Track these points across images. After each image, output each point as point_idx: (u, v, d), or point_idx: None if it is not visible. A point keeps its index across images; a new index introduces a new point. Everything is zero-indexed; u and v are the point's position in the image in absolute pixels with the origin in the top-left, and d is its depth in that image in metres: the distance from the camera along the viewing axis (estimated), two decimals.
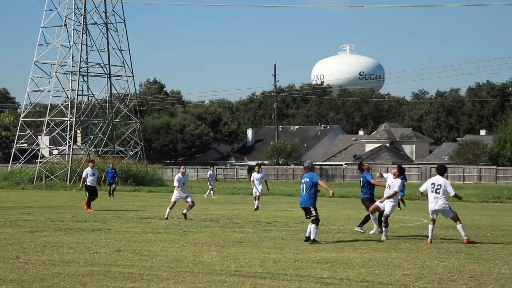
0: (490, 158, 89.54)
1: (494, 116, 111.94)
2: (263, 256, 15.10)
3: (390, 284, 11.83)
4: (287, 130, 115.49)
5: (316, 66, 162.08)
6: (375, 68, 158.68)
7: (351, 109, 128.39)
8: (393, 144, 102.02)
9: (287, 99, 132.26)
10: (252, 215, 28.75)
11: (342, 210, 33.72)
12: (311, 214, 17.62)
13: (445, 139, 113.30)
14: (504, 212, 33.82)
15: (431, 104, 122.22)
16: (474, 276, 12.69)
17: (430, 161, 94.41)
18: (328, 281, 11.99)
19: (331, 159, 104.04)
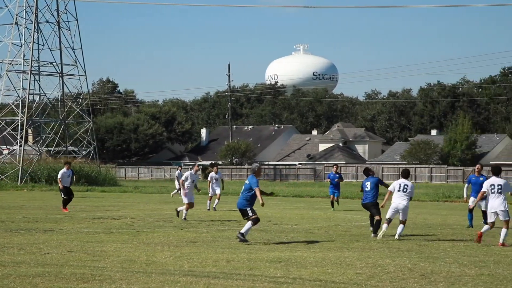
0: (441, 158, 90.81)
1: (445, 116, 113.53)
2: (216, 256, 15.10)
3: (343, 282, 11.93)
4: (241, 130, 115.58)
5: (270, 66, 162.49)
6: (328, 68, 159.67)
7: (304, 109, 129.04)
8: (346, 144, 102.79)
9: (241, 99, 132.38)
10: (206, 214, 28.72)
11: (295, 209, 33.87)
12: (248, 215, 17.69)
13: (397, 139, 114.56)
14: (454, 211, 34.34)
15: (384, 104, 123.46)
16: (424, 274, 12.86)
17: (382, 161, 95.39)
18: (281, 280, 12.04)
19: (285, 159, 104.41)
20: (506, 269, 13.54)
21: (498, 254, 16.03)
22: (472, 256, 15.49)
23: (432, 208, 37.03)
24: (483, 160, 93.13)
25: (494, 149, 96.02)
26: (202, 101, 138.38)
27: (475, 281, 12.22)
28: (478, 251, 16.61)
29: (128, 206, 34.55)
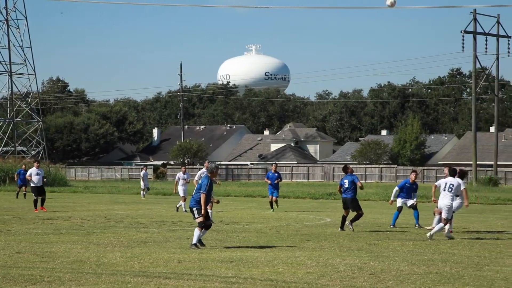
0: (391, 158, 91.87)
1: (395, 117, 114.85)
2: (168, 256, 15.06)
3: (293, 282, 12.00)
4: (193, 130, 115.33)
5: (222, 66, 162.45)
6: (280, 69, 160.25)
7: (256, 109, 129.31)
8: (297, 144, 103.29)
9: (193, 99, 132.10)
10: (157, 215, 28.57)
11: (247, 209, 33.91)
12: (194, 217, 16.74)
13: (348, 139, 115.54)
14: (403, 211, 34.71)
15: (335, 104, 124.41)
16: (374, 273, 13.00)
17: (334, 161, 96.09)
18: (232, 280, 12.06)
19: (237, 159, 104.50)
20: (453, 267, 13.76)
21: (446, 252, 16.29)
22: (420, 255, 15.71)
23: (382, 208, 37.42)
24: (432, 160, 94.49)
25: (442, 149, 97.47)
26: (154, 101, 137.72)
27: (423, 279, 12.40)
28: (427, 249, 16.85)
29: (78, 207, 34.22)
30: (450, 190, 18.81)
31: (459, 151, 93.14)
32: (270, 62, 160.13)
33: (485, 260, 14.98)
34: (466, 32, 68.44)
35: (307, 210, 33.85)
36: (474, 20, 68.71)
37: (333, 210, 34.07)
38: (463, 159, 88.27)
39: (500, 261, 14.87)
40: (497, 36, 71.26)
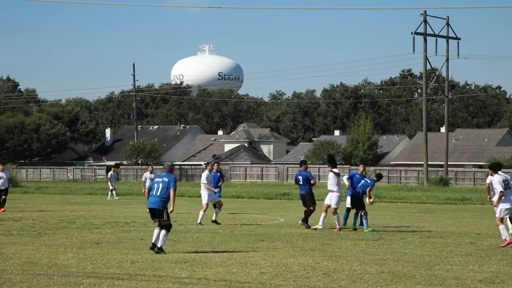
0: (344, 158, 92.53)
1: (347, 117, 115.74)
2: (121, 257, 14.97)
3: (247, 282, 12.03)
4: (147, 130, 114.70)
5: (175, 66, 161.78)
6: (234, 69, 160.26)
7: (210, 109, 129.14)
8: (251, 144, 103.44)
9: (147, 99, 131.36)
10: (110, 215, 28.34)
11: (201, 209, 33.83)
12: (162, 218, 15.79)
13: (301, 139, 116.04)
14: None
15: (288, 105, 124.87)
16: (327, 272, 13.10)
17: (287, 161, 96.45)
18: (186, 281, 12.05)
19: (191, 159, 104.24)
20: (405, 267, 13.94)
21: (397, 252, 16.48)
22: (373, 255, 15.87)
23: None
24: (384, 160, 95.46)
25: (394, 149, 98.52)
26: (107, 101, 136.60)
27: (375, 278, 12.54)
28: (379, 249, 17.03)
29: (29, 208, 33.79)
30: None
31: (410, 151, 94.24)
32: (223, 63, 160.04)
33: (436, 259, 15.21)
34: (416, 33, 69.26)
35: (261, 210, 33.92)
36: (425, 21, 69.57)
37: (287, 210, 34.20)
38: (415, 159, 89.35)
39: (451, 260, 15.11)
40: (447, 38, 72.27)
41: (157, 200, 15.83)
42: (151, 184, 16.32)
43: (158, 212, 15.80)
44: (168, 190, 15.87)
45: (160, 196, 15.85)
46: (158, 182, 16.07)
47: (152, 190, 16.04)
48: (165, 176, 16.11)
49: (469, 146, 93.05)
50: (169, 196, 15.89)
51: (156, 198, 15.86)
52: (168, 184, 15.90)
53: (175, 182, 15.99)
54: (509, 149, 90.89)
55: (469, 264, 14.45)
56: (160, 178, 16.10)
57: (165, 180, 16.00)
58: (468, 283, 12.15)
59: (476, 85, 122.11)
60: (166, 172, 16.26)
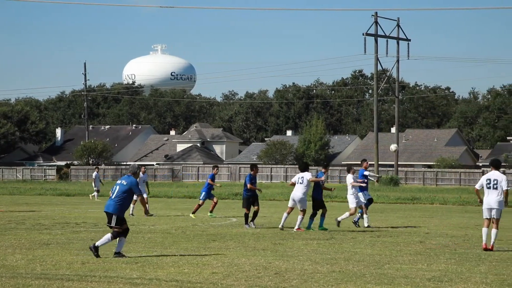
0: (296, 158, 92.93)
1: (300, 117, 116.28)
2: (71, 258, 14.83)
3: (199, 282, 12.02)
4: (98, 130, 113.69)
5: (127, 66, 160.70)
6: (186, 69, 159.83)
7: (162, 109, 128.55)
8: (204, 144, 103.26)
9: (98, 98, 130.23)
10: (60, 216, 28.01)
11: (153, 210, 33.68)
12: (110, 224, 15.07)
13: (253, 139, 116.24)
14: (308, 210, 35.17)
15: (241, 105, 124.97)
16: (279, 272, 13.15)
17: (240, 161, 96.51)
18: (137, 282, 11.99)
19: (143, 159, 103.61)
20: (355, 266, 14.06)
21: (348, 251, 16.62)
22: (324, 254, 15.98)
23: (287, 207, 37.79)
24: (336, 160, 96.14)
25: (345, 149, 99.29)
26: (57, 100, 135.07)
27: (326, 278, 12.63)
28: (330, 248, 17.16)
29: None
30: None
31: (361, 151, 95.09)
32: (176, 62, 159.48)
33: (386, 258, 15.38)
34: (367, 34, 69.92)
35: (214, 210, 33.84)
36: (375, 23, 70.27)
37: (239, 210, 34.22)
38: (366, 159, 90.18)
39: (400, 259, 15.29)
40: (397, 39, 73.11)
41: (111, 203, 15.07)
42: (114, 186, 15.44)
43: (108, 216, 15.09)
44: (125, 194, 15.01)
45: (115, 199, 15.04)
46: (117, 184, 15.24)
47: (111, 192, 15.27)
48: (125, 179, 15.23)
49: (418, 146, 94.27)
50: (125, 201, 15.03)
51: (110, 201, 15.12)
52: (126, 188, 15.03)
53: (136, 186, 15.04)
54: (457, 149, 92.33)
55: (418, 263, 14.64)
56: (120, 181, 15.26)
57: (123, 183, 15.12)
58: (417, 281, 12.32)
59: (426, 86, 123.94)
60: (128, 175, 15.39)
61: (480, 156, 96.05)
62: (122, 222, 14.99)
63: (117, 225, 14.95)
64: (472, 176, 74.84)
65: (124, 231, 15.07)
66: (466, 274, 13.21)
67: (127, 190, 15.02)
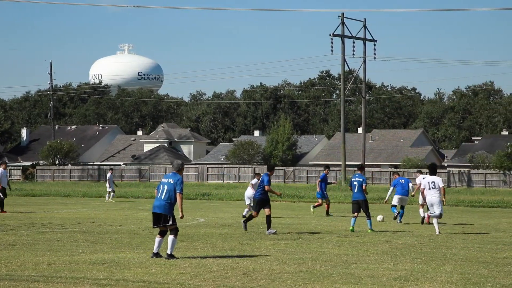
0: (263, 158, 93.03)
1: (267, 118, 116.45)
2: (36, 258, 14.70)
3: (166, 283, 12.00)
4: (64, 130, 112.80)
5: (94, 65, 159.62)
6: (153, 69, 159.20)
7: (129, 109, 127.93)
8: (171, 144, 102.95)
9: (64, 98, 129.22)
10: (26, 216, 27.75)
11: (120, 210, 33.54)
12: (167, 223, 14.84)
13: (221, 139, 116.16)
14: (276, 210, 35.28)
15: (208, 105, 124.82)
16: (246, 272, 13.17)
17: (207, 161, 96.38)
18: (104, 282, 11.93)
19: (110, 159, 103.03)
20: (323, 266, 14.13)
21: (316, 251, 16.69)
22: (291, 254, 16.03)
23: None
24: (303, 161, 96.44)
25: (313, 149, 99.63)
26: (23, 100, 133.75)
27: (294, 277, 12.67)
28: (298, 249, 17.22)
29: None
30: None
31: (329, 152, 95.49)
32: (143, 62, 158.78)
33: (352, 258, 15.47)
34: (334, 35, 70.24)
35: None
36: (342, 24, 70.62)
37: (207, 210, 34.21)
38: (333, 159, 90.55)
39: (367, 258, 15.40)
40: (364, 40, 73.54)
41: (162, 204, 14.80)
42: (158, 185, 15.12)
43: (163, 217, 14.80)
44: (173, 192, 14.80)
45: (165, 199, 14.78)
46: (163, 183, 14.94)
47: (158, 192, 14.96)
48: (172, 177, 14.99)
49: (385, 146, 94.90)
50: (175, 199, 14.82)
51: (161, 201, 14.82)
52: (174, 186, 14.81)
53: (181, 184, 14.82)
54: (423, 149, 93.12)
55: (385, 262, 14.75)
56: (166, 179, 14.99)
57: (170, 182, 14.87)
58: (383, 281, 12.41)
59: (392, 86, 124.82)
60: (174, 172, 15.09)
61: (445, 156, 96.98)
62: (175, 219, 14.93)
63: (175, 222, 14.88)
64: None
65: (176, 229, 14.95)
66: (431, 273, 13.35)
67: (173, 188, 14.84)
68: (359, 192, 22.14)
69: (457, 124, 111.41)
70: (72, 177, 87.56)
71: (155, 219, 14.95)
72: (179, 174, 15.00)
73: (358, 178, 22.33)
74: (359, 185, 22.18)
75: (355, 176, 22.64)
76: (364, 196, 22.20)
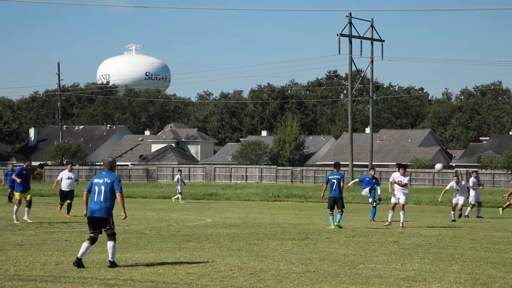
0: (271, 158, 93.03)
1: (275, 118, 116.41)
2: (44, 258, 14.73)
3: (174, 283, 12.01)
4: (72, 130, 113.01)
5: (101, 66, 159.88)
6: (161, 69, 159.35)
7: (137, 109, 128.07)
8: (179, 145, 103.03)
9: (72, 98, 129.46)
10: (34, 217, 27.80)
11: (127, 210, 33.51)
12: (106, 227, 13.75)
13: (229, 139, 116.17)
14: (283, 210, 35.32)
15: (216, 105, 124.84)
16: (254, 272, 13.16)
17: (215, 161, 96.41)
18: (112, 282, 11.94)
19: (117, 159, 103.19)
20: (330, 266, 14.12)
21: (323, 251, 16.68)
22: (299, 254, 16.02)
23: (262, 208, 37.89)
24: (310, 161, 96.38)
25: (320, 149, 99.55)
26: (30, 100, 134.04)
27: (301, 278, 12.67)
28: (305, 249, 17.20)
29: None
30: None
31: (336, 152, 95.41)
32: (150, 62, 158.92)
33: (360, 258, 15.45)
34: (342, 35, 70.16)
35: (188, 210, 33.84)
36: (350, 24, 70.52)
37: (214, 210, 34.24)
38: (340, 159, 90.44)
39: (374, 259, 15.37)
40: (371, 40, 73.43)
41: (103, 207, 13.67)
42: (91, 186, 13.90)
43: (105, 221, 13.70)
44: (112, 193, 13.72)
45: (104, 201, 13.67)
46: (98, 184, 13.77)
47: (93, 194, 13.77)
48: (107, 176, 13.84)
49: (393, 146, 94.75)
50: (113, 201, 13.77)
51: (101, 204, 13.67)
52: (111, 186, 13.70)
53: (119, 182, 13.74)
54: (431, 149, 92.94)
55: (392, 262, 14.73)
56: (101, 179, 13.82)
57: (107, 182, 13.75)
58: (391, 281, 12.39)
59: (400, 86, 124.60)
60: (107, 170, 13.94)
61: (453, 156, 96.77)
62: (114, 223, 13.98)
63: (113, 226, 13.88)
64: (445, 176, 75.38)
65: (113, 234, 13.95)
66: (439, 273, 13.32)
67: (111, 188, 13.76)
68: (337, 190, 22.92)
69: (465, 124, 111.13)
70: (80, 177, 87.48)
71: (94, 224, 13.67)
72: (113, 172, 13.88)
73: (336, 176, 23.04)
74: (337, 183, 22.92)
75: (332, 174, 23.29)
76: (340, 193, 23.00)
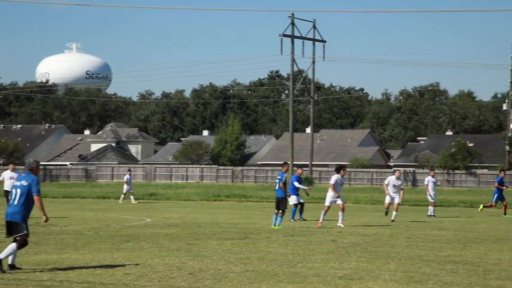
0: (212, 158, 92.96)
1: (216, 117, 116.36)
2: None
3: (111, 284, 11.91)
4: (9, 129, 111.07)
5: (41, 64, 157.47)
6: (102, 68, 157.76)
7: (77, 108, 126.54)
8: (119, 144, 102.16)
9: (10, 97, 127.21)
10: None
11: (65, 210, 33.20)
12: (20, 232, 13.00)
13: (170, 139, 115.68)
14: (223, 210, 35.34)
15: (157, 104, 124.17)
16: (192, 272, 13.15)
17: (155, 161, 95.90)
18: (48, 284, 11.79)
19: (56, 159, 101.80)
20: (269, 265, 14.19)
21: (262, 251, 16.75)
22: (238, 254, 16.06)
23: (202, 207, 37.86)
24: (251, 160, 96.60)
25: (261, 149, 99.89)
26: None
27: (240, 277, 12.70)
28: (244, 248, 17.25)
29: None
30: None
31: (277, 151, 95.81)
32: (91, 61, 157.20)
33: (298, 257, 15.56)
34: (284, 35, 70.55)
35: (128, 210, 33.60)
36: (292, 24, 70.97)
37: (153, 210, 34.07)
38: (281, 159, 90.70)
39: (313, 258, 15.51)
40: (313, 40, 74.01)
41: (16, 210, 13.00)
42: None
43: (17, 226, 12.97)
44: (28, 196, 13.02)
45: (20, 205, 12.99)
46: (16, 187, 13.15)
47: (11, 197, 13.16)
48: (25, 178, 13.21)
49: (333, 146, 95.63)
50: (29, 205, 13.06)
51: (15, 208, 13.00)
52: (28, 189, 13.03)
53: (37, 184, 13.04)
54: (370, 149, 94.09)
55: (330, 261, 14.88)
56: (19, 182, 13.19)
57: (24, 184, 13.09)
58: (328, 279, 12.52)
59: (341, 87, 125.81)
60: (27, 172, 13.32)
61: (391, 156, 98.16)
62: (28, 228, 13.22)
63: (27, 231, 13.12)
64: (383, 175, 76.39)
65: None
66: (376, 271, 13.51)
67: (27, 191, 13.07)
68: (280, 189, 23.34)
69: (403, 124, 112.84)
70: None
71: (8, 228, 13.10)
72: (33, 174, 13.24)
73: (279, 176, 23.71)
74: (279, 183, 23.39)
75: (279, 174, 23.74)
76: (284, 194, 23.40)
